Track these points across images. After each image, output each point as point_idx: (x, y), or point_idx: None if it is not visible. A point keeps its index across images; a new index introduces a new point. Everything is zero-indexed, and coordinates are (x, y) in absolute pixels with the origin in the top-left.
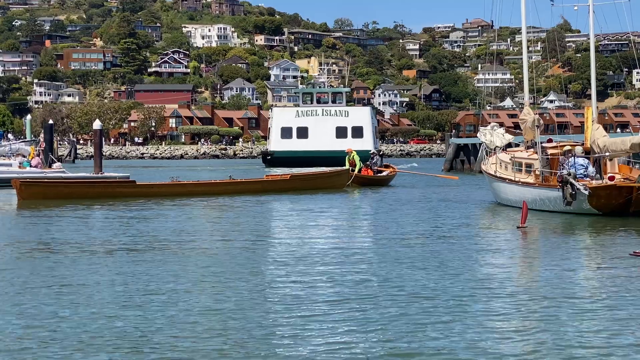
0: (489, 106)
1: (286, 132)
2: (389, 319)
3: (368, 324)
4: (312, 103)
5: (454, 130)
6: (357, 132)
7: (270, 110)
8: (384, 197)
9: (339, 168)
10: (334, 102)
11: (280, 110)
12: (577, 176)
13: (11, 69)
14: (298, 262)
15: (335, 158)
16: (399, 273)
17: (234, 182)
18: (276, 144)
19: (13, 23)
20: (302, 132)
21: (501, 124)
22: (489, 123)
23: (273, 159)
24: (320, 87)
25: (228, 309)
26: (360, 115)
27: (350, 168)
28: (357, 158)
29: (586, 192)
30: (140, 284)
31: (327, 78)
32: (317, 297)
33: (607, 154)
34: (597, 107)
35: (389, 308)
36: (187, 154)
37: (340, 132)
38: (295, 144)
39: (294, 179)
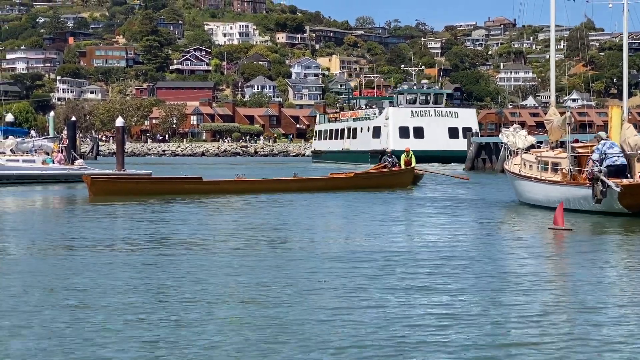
0: (511, 105)
1: (404, 132)
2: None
3: (401, 326)
4: (414, 103)
5: (455, 131)
6: (468, 132)
7: (368, 107)
8: (416, 196)
9: (403, 167)
10: (434, 102)
11: (396, 110)
12: (611, 157)
13: (34, 65)
14: (331, 261)
15: (449, 157)
16: (440, 278)
17: (299, 179)
18: (395, 143)
19: (37, 20)
20: (419, 132)
21: (523, 123)
22: (511, 122)
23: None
24: (423, 87)
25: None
26: (468, 116)
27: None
28: (413, 157)
29: (617, 189)
30: (197, 277)
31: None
32: (355, 301)
33: (638, 152)
34: (623, 106)
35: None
36: (209, 151)
37: (453, 133)
38: (412, 144)
39: (358, 177)
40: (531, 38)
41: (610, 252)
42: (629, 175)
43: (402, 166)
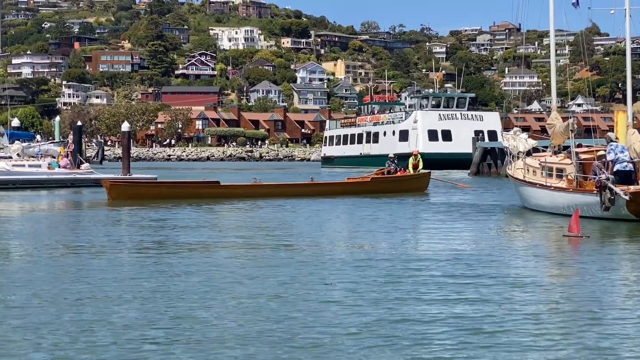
0: (515, 109)
1: (432, 135)
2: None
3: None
4: (439, 107)
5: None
6: (492, 135)
7: (392, 111)
8: (430, 202)
9: (420, 171)
10: (457, 106)
11: (425, 113)
12: (621, 162)
13: (40, 70)
14: (345, 265)
15: None
16: (461, 287)
17: (316, 183)
18: (425, 146)
19: (42, 25)
20: (446, 135)
21: (528, 128)
22: (514, 127)
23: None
24: (446, 91)
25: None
26: (492, 120)
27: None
28: (421, 161)
29: (626, 197)
30: (219, 281)
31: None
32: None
33: None
34: (627, 111)
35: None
36: (214, 155)
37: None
38: (441, 146)
39: (375, 181)
40: (536, 43)
41: (628, 259)
42: (636, 181)
43: (411, 170)
